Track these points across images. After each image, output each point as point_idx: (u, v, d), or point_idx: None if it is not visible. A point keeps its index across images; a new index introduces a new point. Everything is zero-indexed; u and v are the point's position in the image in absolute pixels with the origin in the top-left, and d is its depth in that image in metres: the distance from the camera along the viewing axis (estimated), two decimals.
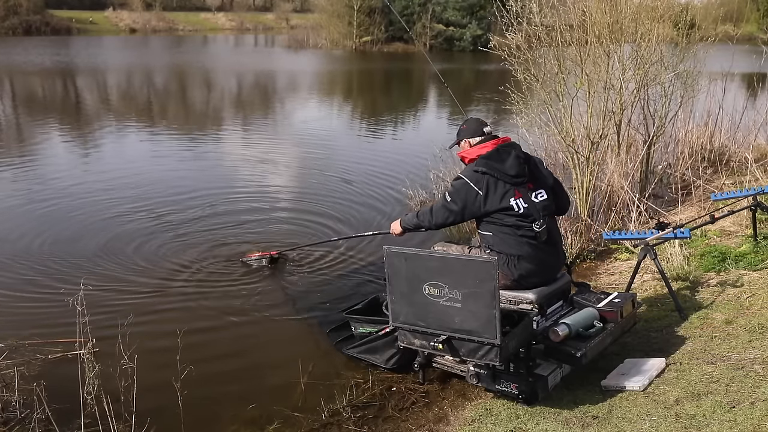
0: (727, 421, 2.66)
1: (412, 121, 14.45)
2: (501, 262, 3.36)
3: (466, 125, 3.74)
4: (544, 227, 3.43)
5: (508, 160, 3.46)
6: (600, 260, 5.44)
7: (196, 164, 9.22)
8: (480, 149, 3.54)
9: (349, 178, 8.32)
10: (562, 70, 6.01)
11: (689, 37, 7.18)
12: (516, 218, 3.37)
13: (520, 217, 3.38)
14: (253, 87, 20.89)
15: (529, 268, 3.39)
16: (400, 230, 3.86)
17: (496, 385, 3.26)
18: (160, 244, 5.82)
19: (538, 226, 3.41)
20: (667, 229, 4.11)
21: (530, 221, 3.39)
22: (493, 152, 3.49)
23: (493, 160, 3.45)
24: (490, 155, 3.48)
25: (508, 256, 3.38)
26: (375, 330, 3.85)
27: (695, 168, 7.52)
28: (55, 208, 6.83)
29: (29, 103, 15.73)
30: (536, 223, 3.41)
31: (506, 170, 3.42)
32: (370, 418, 3.38)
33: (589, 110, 6.14)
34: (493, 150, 3.50)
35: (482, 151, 3.52)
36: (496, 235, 3.42)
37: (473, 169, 3.46)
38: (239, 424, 3.34)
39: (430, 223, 3.59)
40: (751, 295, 4.02)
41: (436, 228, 3.68)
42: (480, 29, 35.05)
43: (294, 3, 59.33)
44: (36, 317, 4.44)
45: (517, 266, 3.38)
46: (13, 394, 3.37)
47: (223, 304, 4.72)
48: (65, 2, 46.78)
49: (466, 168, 3.55)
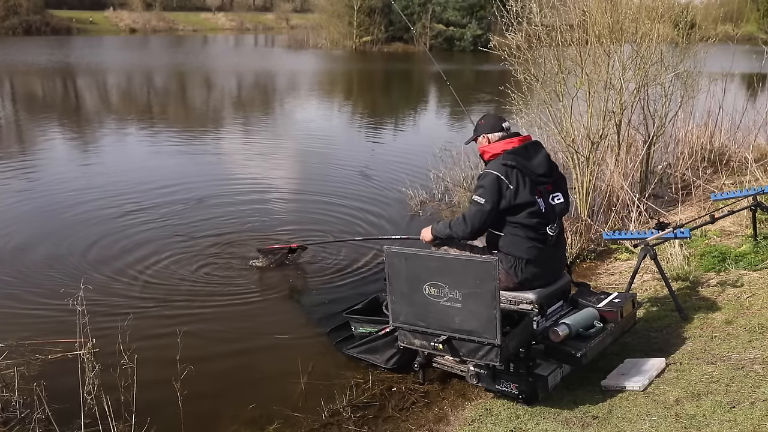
0: (727, 421, 2.66)
1: (411, 121, 14.45)
2: (507, 264, 3.35)
3: (484, 120, 3.63)
4: (557, 231, 3.41)
5: (536, 158, 3.39)
6: (600, 260, 5.44)
7: (197, 164, 9.22)
8: (506, 144, 3.44)
9: (348, 178, 8.32)
10: (562, 70, 6.01)
11: (689, 37, 7.18)
12: (535, 219, 3.33)
13: (539, 217, 3.33)
14: (254, 87, 20.88)
15: (535, 271, 3.37)
16: (431, 237, 3.63)
17: (496, 385, 3.26)
18: (160, 244, 5.81)
19: (552, 230, 3.37)
20: (667, 229, 4.10)
21: (545, 224, 3.35)
22: (520, 148, 3.41)
23: (521, 156, 3.37)
24: (517, 151, 3.39)
25: (516, 258, 3.35)
26: (375, 330, 3.85)
27: (695, 168, 7.52)
28: (55, 208, 6.83)
29: (29, 103, 15.72)
30: (551, 227, 3.37)
31: (534, 168, 3.36)
32: (370, 418, 3.38)
33: (589, 110, 6.14)
34: (521, 146, 3.42)
35: (508, 147, 3.42)
36: (507, 237, 3.37)
37: (501, 163, 3.34)
38: (239, 424, 3.34)
39: (464, 231, 3.38)
40: (751, 295, 4.02)
41: (471, 237, 3.46)
42: (480, 29, 35.06)
43: (294, 3, 59.33)
44: (36, 317, 4.44)
45: (524, 270, 3.35)
46: (13, 394, 3.37)
47: (223, 304, 4.72)
48: (65, 2, 46.78)
49: (491, 163, 3.43)
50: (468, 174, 7.21)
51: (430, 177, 7.56)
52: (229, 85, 21.09)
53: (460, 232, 3.41)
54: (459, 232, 3.41)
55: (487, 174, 3.35)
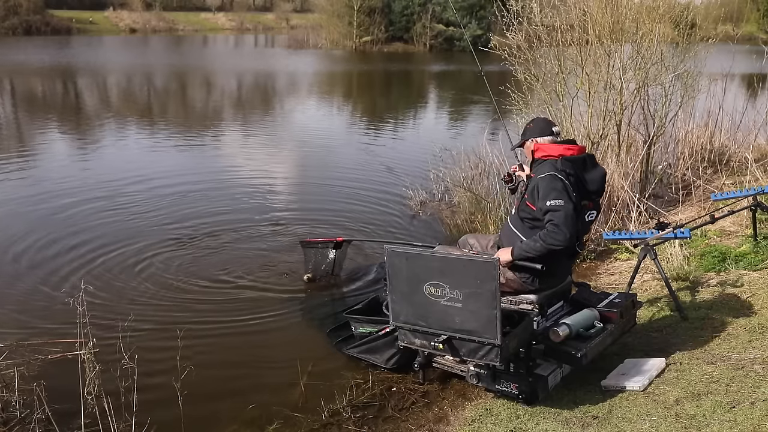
0: (727, 421, 2.66)
1: (411, 121, 14.45)
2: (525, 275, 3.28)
3: (533, 124, 3.48)
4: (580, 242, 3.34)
5: (592, 174, 3.23)
6: (600, 260, 5.44)
7: (197, 165, 9.22)
8: (565, 149, 3.24)
9: (349, 178, 8.32)
10: (562, 70, 6.02)
11: (689, 37, 7.18)
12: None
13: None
14: (253, 87, 20.88)
15: (550, 281, 3.34)
16: (509, 260, 3.24)
17: (496, 385, 3.26)
18: (160, 244, 5.81)
19: (580, 248, 3.31)
20: (667, 229, 4.10)
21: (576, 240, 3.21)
22: (579, 159, 3.24)
23: (578, 167, 3.20)
24: (575, 160, 3.21)
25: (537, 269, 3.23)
26: (375, 330, 3.85)
27: (695, 168, 7.52)
28: (56, 209, 6.83)
29: (29, 103, 15.72)
30: (579, 244, 3.26)
31: (588, 184, 3.20)
32: (370, 418, 3.37)
33: (589, 110, 6.15)
34: (580, 157, 3.25)
35: (567, 153, 3.23)
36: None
37: (561, 168, 3.15)
38: (239, 424, 3.34)
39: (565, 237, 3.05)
40: (751, 295, 4.02)
41: (572, 242, 3.12)
42: (480, 29, 35.05)
43: (294, 3, 59.35)
44: (36, 317, 4.44)
45: (542, 281, 3.29)
46: (14, 394, 3.37)
47: (223, 305, 4.72)
48: (65, 2, 46.80)
49: (546, 164, 3.23)
50: (468, 174, 7.20)
51: (430, 177, 7.56)
52: (229, 85, 21.09)
53: (559, 241, 3.07)
54: (558, 242, 3.07)
55: (552, 178, 3.14)
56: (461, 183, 7.14)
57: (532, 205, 3.24)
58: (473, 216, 6.25)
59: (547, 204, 3.12)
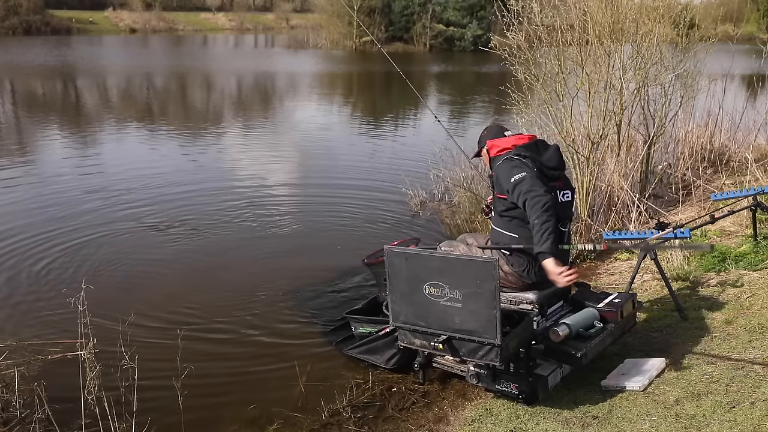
0: (727, 421, 2.66)
1: (412, 121, 14.44)
2: (520, 268, 3.31)
3: (486, 131, 3.59)
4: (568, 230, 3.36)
5: (547, 152, 3.33)
6: (600, 260, 5.44)
7: (196, 165, 9.23)
8: (516, 140, 3.37)
9: (348, 178, 8.32)
10: (562, 69, 6.01)
11: (689, 37, 7.18)
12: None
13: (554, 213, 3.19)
14: (253, 87, 20.87)
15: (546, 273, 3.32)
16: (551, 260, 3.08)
17: (496, 385, 3.26)
18: (161, 244, 5.82)
19: (564, 227, 3.32)
20: (667, 229, 4.10)
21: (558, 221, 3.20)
22: (531, 144, 3.35)
23: (531, 151, 3.30)
24: (527, 146, 3.33)
25: (529, 260, 3.28)
26: (375, 330, 3.85)
27: (695, 168, 7.52)
28: (56, 209, 6.83)
29: (29, 104, 15.72)
30: (562, 224, 3.29)
31: (545, 161, 3.29)
32: (370, 419, 3.38)
33: (589, 110, 6.14)
34: (531, 142, 3.36)
35: (518, 142, 3.35)
36: (521, 239, 3.26)
37: (513, 155, 3.24)
38: (239, 424, 3.35)
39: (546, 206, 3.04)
40: (751, 295, 4.02)
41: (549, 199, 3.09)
42: (480, 29, 35.05)
43: (294, 3, 59.30)
44: (37, 317, 4.45)
45: (537, 273, 3.29)
46: (14, 394, 3.37)
47: (223, 305, 4.72)
48: (65, 2, 46.77)
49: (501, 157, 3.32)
50: (468, 174, 7.20)
51: (430, 177, 7.56)
52: (229, 85, 21.08)
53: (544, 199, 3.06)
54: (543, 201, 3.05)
55: (507, 161, 3.24)
56: (461, 183, 7.14)
57: (502, 194, 3.31)
58: (473, 216, 6.26)
59: (511, 181, 3.18)
